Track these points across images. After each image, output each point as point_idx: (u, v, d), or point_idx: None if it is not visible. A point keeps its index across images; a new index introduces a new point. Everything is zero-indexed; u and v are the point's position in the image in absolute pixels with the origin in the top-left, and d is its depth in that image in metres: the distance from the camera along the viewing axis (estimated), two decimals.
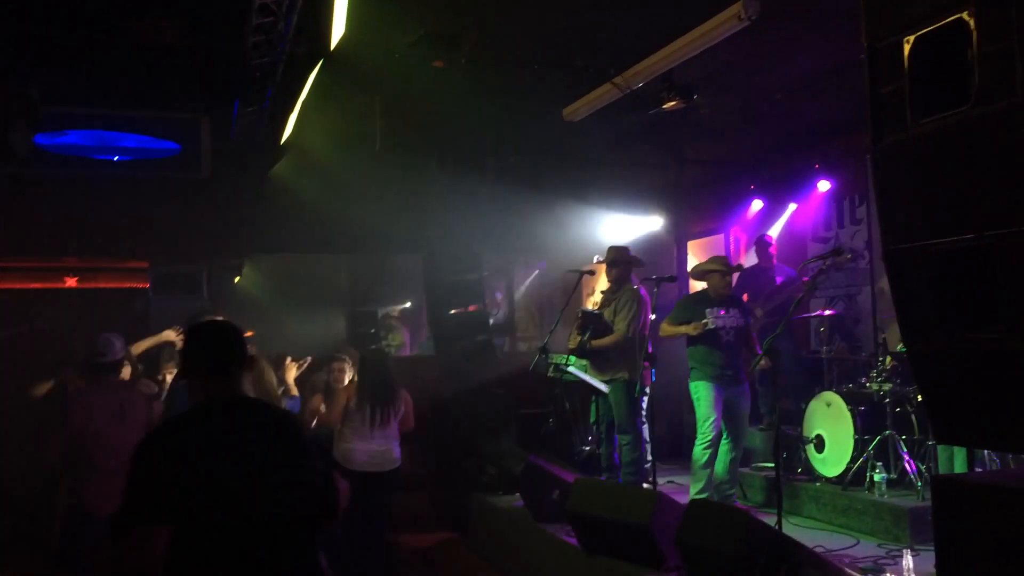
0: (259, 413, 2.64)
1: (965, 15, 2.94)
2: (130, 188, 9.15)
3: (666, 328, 6.66)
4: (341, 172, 8.82)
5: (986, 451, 5.25)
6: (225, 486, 2.40)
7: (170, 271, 9.89)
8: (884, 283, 7.83)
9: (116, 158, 8.18)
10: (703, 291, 6.74)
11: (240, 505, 2.40)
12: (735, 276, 6.85)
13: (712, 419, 6.31)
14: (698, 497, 6.05)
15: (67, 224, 8.99)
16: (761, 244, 8.34)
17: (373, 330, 12.15)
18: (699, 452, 6.32)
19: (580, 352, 6.75)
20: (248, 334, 10.48)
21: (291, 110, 6.84)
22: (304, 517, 2.50)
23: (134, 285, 10.45)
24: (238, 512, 2.40)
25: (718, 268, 6.55)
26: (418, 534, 7.51)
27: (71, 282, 10.56)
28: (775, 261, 8.24)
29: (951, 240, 3.04)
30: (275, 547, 2.43)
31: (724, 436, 6.36)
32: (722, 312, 6.44)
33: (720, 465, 6.36)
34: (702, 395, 6.38)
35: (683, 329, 6.47)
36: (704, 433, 6.32)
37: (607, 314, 6.81)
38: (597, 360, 6.76)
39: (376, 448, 5.91)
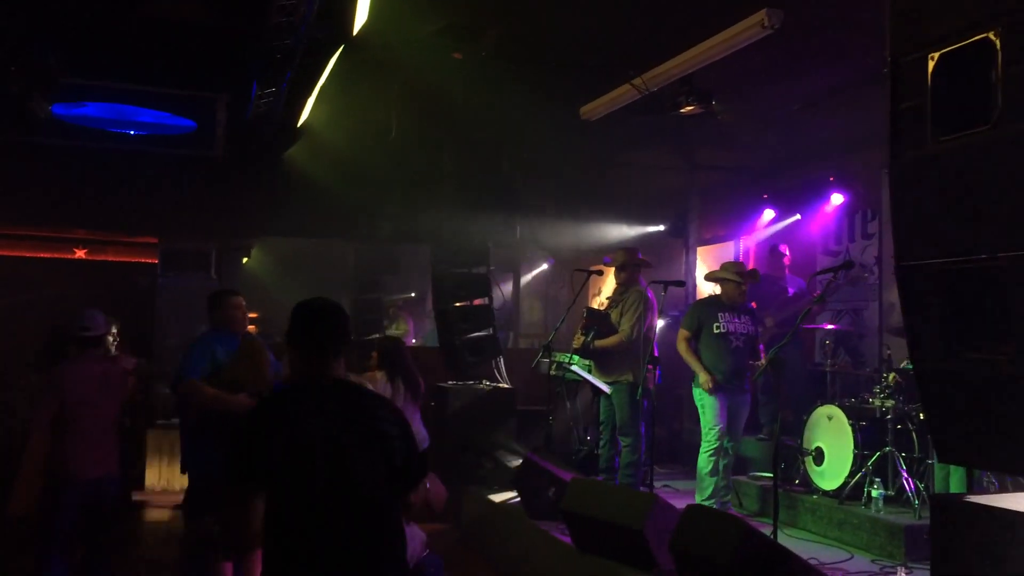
0: (346, 393, 2.75)
1: (992, 35, 2.92)
2: (144, 163, 9.17)
3: (683, 345, 6.63)
4: (354, 159, 8.83)
5: (984, 473, 5.25)
6: (303, 458, 2.57)
7: (179, 248, 9.91)
8: (892, 299, 7.82)
9: (132, 132, 8.21)
10: (716, 296, 6.74)
11: (315, 477, 2.56)
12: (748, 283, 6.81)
13: (719, 427, 6.31)
14: (704, 504, 6.07)
15: (79, 196, 9.02)
16: (774, 254, 8.32)
17: (377, 317, 12.18)
18: (704, 460, 6.32)
19: (584, 352, 6.75)
20: (252, 315, 10.54)
21: (309, 94, 6.84)
22: (378, 493, 2.64)
23: (143, 260, 10.49)
24: (314, 483, 2.56)
25: (733, 278, 6.54)
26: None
27: (80, 253, 10.60)
28: (788, 272, 8.22)
29: (963, 260, 3.03)
30: (350, 519, 2.60)
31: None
32: (734, 319, 6.47)
33: (720, 474, 6.37)
34: (707, 402, 6.38)
35: (696, 367, 6.49)
36: (710, 441, 6.32)
37: (614, 315, 6.80)
38: (601, 361, 6.76)
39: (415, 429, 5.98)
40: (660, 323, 6.88)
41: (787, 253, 8.28)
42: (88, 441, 4.67)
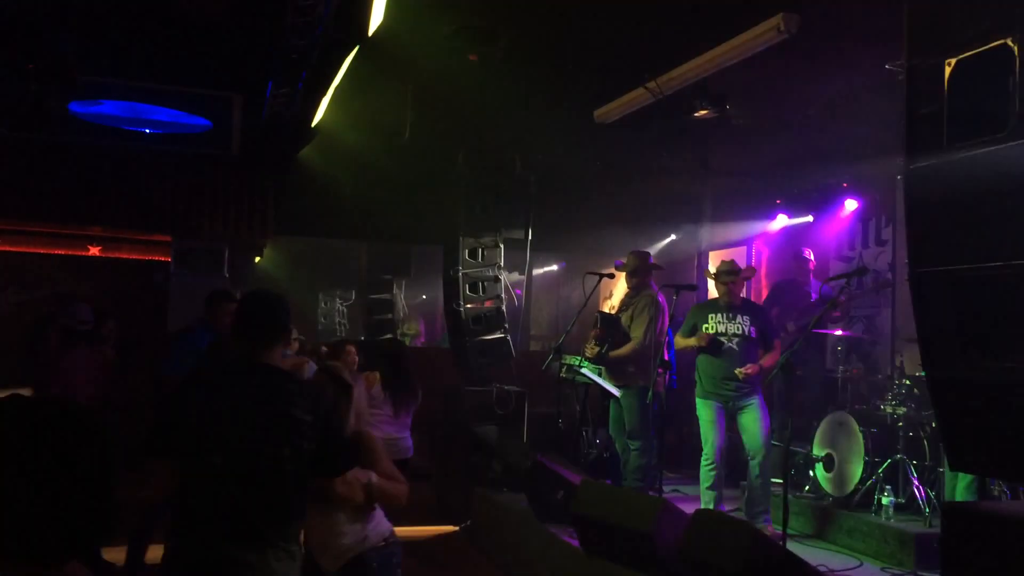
0: (268, 377, 2.90)
1: (1009, 41, 2.91)
2: (159, 161, 9.22)
3: (678, 340, 6.64)
4: (368, 159, 8.85)
5: (994, 482, 5.22)
6: (209, 431, 2.77)
7: (192, 246, 9.96)
8: (905, 305, 7.78)
9: (148, 131, 8.25)
10: (714, 298, 6.70)
11: (218, 449, 2.75)
12: (741, 281, 6.57)
13: (711, 440, 6.24)
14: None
15: (94, 193, 9.07)
16: (799, 259, 8.27)
17: (390, 316, 12.21)
18: (703, 473, 6.31)
19: (598, 361, 6.74)
20: None
21: (324, 94, 6.86)
22: (278, 472, 2.77)
23: (156, 258, 10.54)
24: (214, 455, 2.75)
25: (719, 271, 6.48)
26: (420, 526, 7.54)
27: (94, 251, 10.66)
28: (812, 277, 8.17)
29: (977, 266, 3.02)
30: (245, 492, 2.76)
31: (748, 456, 6.23)
32: (725, 319, 6.36)
33: (751, 485, 6.23)
34: (701, 414, 6.37)
35: (691, 342, 6.43)
36: (705, 454, 6.30)
37: (624, 319, 6.79)
38: (614, 367, 6.75)
39: (394, 435, 5.96)
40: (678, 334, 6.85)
41: (812, 258, 8.23)
42: None
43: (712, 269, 6.68)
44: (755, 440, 6.19)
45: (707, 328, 6.35)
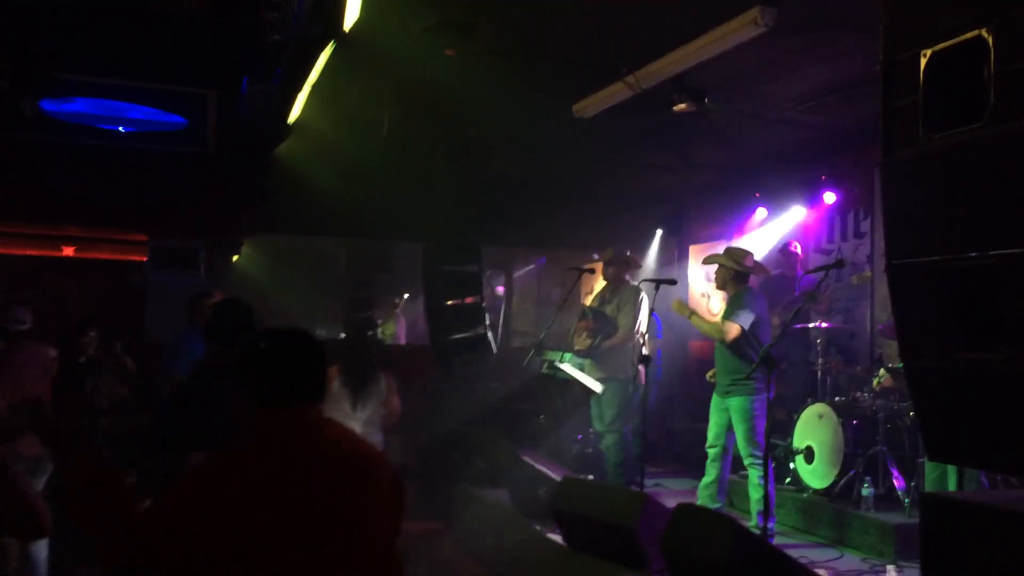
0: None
1: (984, 32, 2.92)
2: (133, 160, 9.11)
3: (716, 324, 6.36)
4: (346, 156, 8.78)
5: (983, 474, 5.25)
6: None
7: (168, 246, 9.85)
8: (884, 298, 7.82)
9: (122, 128, 8.15)
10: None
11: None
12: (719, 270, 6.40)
13: (711, 432, 6.20)
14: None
15: (68, 192, 8.95)
16: (785, 252, 8.30)
17: (369, 315, 12.14)
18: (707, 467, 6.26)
19: (590, 353, 6.73)
20: None
21: (300, 90, 6.80)
22: None
23: (132, 258, 10.42)
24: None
25: (723, 261, 6.28)
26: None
27: (68, 251, 10.53)
28: (799, 270, 8.20)
29: (955, 257, 3.02)
30: None
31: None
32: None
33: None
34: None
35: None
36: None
37: (610, 310, 6.81)
38: (600, 359, 6.74)
39: (359, 430, 5.88)
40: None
41: (798, 252, 8.25)
42: None
43: (698, 267, 6.59)
44: (741, 438, 6.03)
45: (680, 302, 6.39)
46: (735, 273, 6.17)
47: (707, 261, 6.66)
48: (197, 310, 5.69)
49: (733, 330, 5.95)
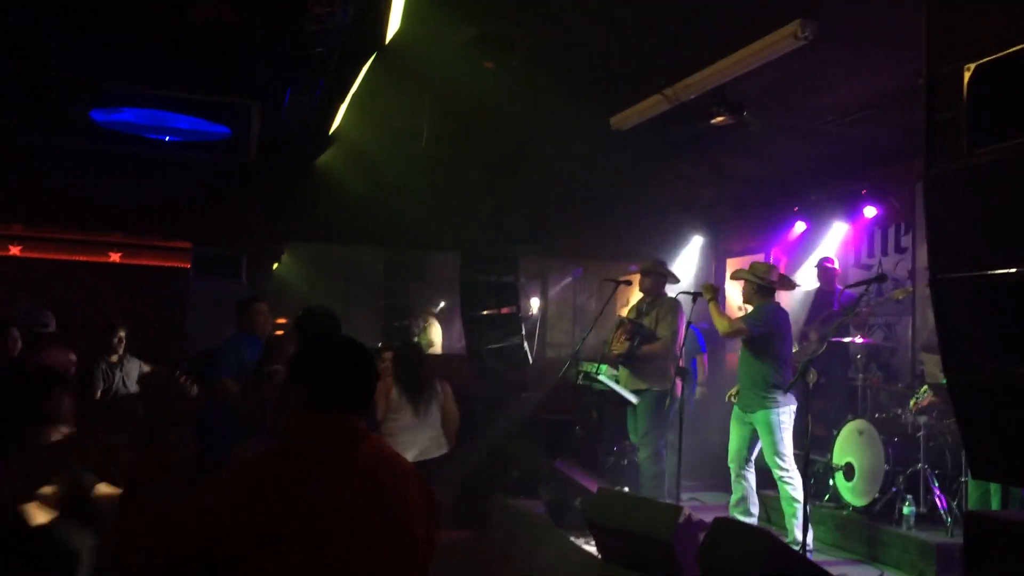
0: None
1: None
2: (179, 169, 9.29)
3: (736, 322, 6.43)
4: (385, 166, 8.87)
5: (1019, 492, 5.15)
6: None
7: (211, 253, 10.03)
8: (926, 313, 7.71)
9: (168, 138, 8.31)
10: None
11: None
12: (740, 284, 6.48)
13: (732, 447, 6.20)
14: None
15: (115, 200, 9.15)
16: (822, 268, 8.24)
17: (407, 323, 12.23)
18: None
19: (627, 358, 6.71)
20: (281, 321, 10.58)
21: (341, 101, 6.89)
22: None
23: (176, 264, 10.62)
24: None
25: (748, 277, 6.30)
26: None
27: (115, 257, 10.75)
28: (836, 284, 8.14)
29: (999, 273, 2.98)
30: None
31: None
32: None
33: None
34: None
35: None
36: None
37: (647, 322, 6.80)
38: (638, 368, 6.72)
39: (425, 436, 6.03)
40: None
41: (835, 267, 8.18)
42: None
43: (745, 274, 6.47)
44: (760, 454, 6.06)
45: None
46: (758, 287, 6.20)
47: (734, 276, 6.67)
48: (244, 315, 5.82)
49: (737, 327, 6.05)
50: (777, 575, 3.92)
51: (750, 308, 6.27)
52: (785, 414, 5.90)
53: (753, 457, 6.12)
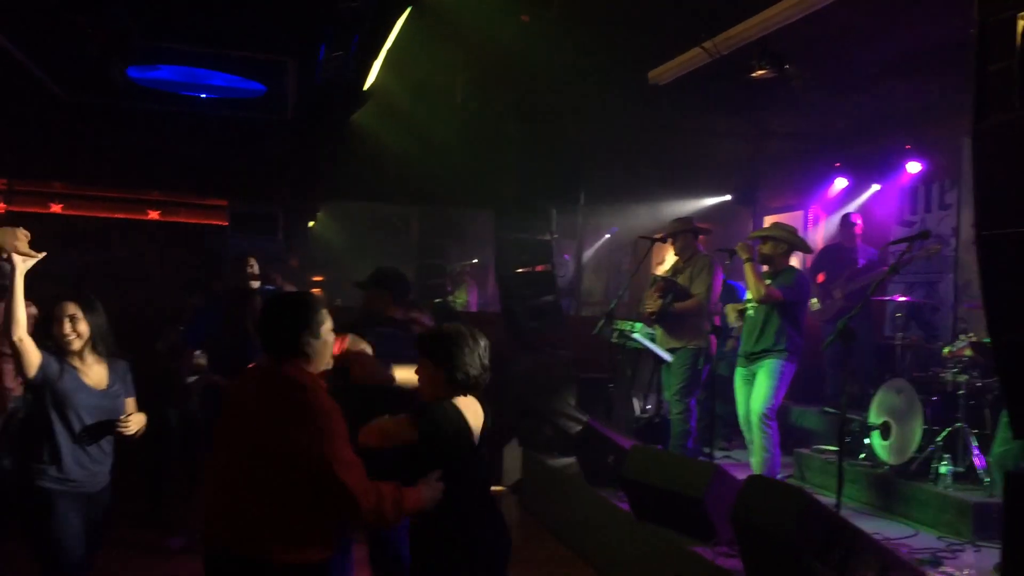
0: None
1: None
2: (215, 126, 9.34)
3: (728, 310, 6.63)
4: (420, 123, 8.84)
5: None
6: None
7: (247, 211, 10.09)
8: (968, 272, 7.57)
9: (204, 95, 8.34)
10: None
11: None
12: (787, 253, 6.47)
13: (741, 408, 6.29)
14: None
15: (152, 157, 9.23)
16: (845, 223, 8.12)
17: (441, 282, 12.27)
18: None
19: (661, 316, 6.69)
20: (317, 279, 10.72)
21: (376, 57, 6.85)
22: None
23: (213, 222, 10.72)
24: None
25: (770, 233, 6.41)
26: None
27: (153, 215, 10.89)
28: (859, 242, 8.02)
29: None
30: None
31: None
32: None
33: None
34: None
35: (732, 312, 6.54)
36: None
37: (682, 280, 6.76)
38: (673, 326, 6.71)
39: None
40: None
41: (858, 222, 8.07)
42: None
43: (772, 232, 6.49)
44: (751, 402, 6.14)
45: (749, 297, 6.34)
46: (788, 248, 6.29)
47: (754, 236, 6.61)
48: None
49: (774, 295, 6.06)
50: (809, 532, 3.92)
51: (765, 268, 6.29)
52: (789, 369, 6.07)
53: None
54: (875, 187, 8.73)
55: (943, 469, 5.68)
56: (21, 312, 3.57)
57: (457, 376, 3.16)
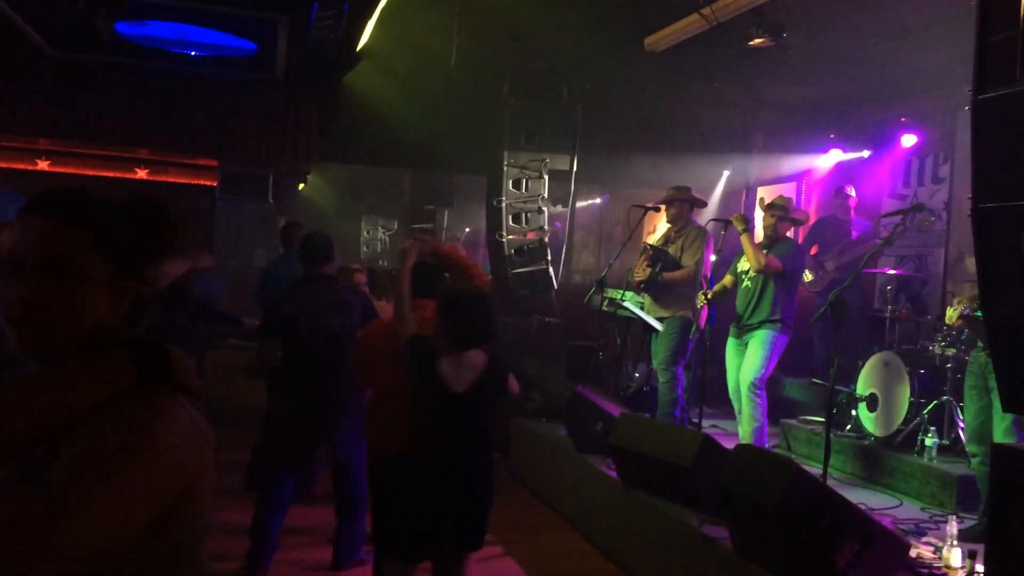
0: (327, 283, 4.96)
1: None
2: (205, 84, 9.21)
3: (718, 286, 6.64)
4: (413, 85, 8.74)
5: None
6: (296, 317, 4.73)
7: (237, 172, 10.00)
8: (959, 246, 7.57)
9: (193, 53, 8.21)
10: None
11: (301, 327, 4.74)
12: (787, 223, 6.48)
13: (731, 378, 6.35)
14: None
15: (141, 115, 9.11)
16: (839, 195, 8.09)
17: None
18: None
19: (649, 285, 6.68)
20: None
21: (369, 17, 6.75)
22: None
23: (202, 182, 10.62)
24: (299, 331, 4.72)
25: (774, 203, 6.44)
26: None
27: (142, 173, 10.77)
28: (853, 214, 8.00)
29: None
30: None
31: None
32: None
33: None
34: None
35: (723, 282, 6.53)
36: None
37: (673, 250, 6.73)
38: (661, 295, 6.70)
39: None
40: (715, 260, 6.77)
41: (852, 194, 8.04)
42: None
43: (767, 200, 6.53)
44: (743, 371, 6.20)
45: (739, 266, 6.32)
46: (789, 221, 6.35)
47: (767, 208, 6.55)
48: (289, 238, 6.30)
49: (774, 265, 6.09)
50: (797, 502, 3.94)
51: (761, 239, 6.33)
52: (781, 340, 6.13)
53: None
54: (865, 152, 8.72)
55: (928, 441, 5.73)
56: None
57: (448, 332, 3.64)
